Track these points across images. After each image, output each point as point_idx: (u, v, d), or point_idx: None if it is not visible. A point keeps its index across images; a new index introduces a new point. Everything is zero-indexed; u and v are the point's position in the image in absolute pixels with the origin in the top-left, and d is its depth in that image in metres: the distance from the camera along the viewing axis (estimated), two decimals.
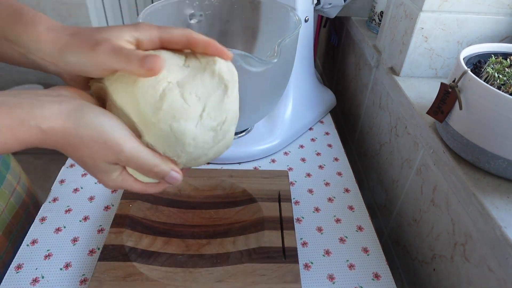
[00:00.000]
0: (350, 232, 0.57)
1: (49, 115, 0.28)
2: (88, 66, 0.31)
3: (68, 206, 0.59)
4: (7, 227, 0.58)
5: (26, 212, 0.63)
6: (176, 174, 0.33)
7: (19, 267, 0.50)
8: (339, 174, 0.68)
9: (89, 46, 0.30)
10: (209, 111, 0.32)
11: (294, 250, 0.49)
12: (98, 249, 0.53)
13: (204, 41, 0.34)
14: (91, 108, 0.30)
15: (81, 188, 0.62)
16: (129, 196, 0.55)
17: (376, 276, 0.51)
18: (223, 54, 0.35)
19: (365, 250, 0.54)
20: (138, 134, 0.32)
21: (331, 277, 0.50)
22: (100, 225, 0.56)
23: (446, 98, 0.46)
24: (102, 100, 0.34)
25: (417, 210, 0.59)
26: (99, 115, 0.30)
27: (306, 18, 0.69)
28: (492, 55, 0.47)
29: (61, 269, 0.50)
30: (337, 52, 1.06)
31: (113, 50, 0.30)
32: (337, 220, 0.59)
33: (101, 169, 0.31)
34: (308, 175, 0.67)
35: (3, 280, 0.49)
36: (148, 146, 0.32)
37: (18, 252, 0.52)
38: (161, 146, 0.32)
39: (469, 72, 0.43)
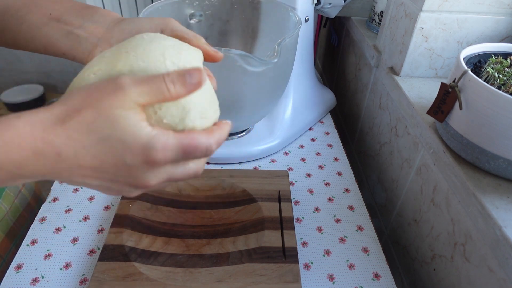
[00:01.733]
0: (350, 232, 0.57)
1: (40, 111, 0.26)
2: (146, 26, 0.33)
3: (68, 206, 0.59)
4: (10, 229, 0.58)
5: (31, 214, 0.63)
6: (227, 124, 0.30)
7: (19, 267, 0.50)
8: (339, 174, 0.68)
9: (161, 17, 0.34)
10: None
11: (294, 250, 0.49)
12: (98, 249, 0.53)
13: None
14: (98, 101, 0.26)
15: (81, 188, 0.62)
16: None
17: (376, 276, 0.51)
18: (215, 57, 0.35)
19: (365, 250, 0.54)
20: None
21: (331, 277, 0.50)
22: (100, 225, 0.56)
23: (446, 98, 0.46)
24: None
25: (417, 210, 0.59)
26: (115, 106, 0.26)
27: (306, 18, 0.69)
28: (492, 55, 0.46)
29: (61, 269, 0.50)
30: (337, 52, 1.06)
31: (180, 25, 0.34)
32: (337, 220, 0.59)
33: (131, 172, 0.26)
34: (308, 175, 0.67)
35: (3, 280, 0.49)
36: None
37: (18, 252, 0.52)
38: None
39: (469, 72, 0.43)
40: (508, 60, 0.45)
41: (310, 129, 0.80)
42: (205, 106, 0.30)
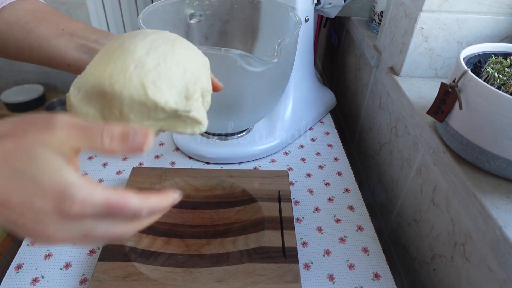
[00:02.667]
0: (350, 232, 0.57)
1: None
2: None
3: None
4: None
5: None
6: (174, 197, 0.27)
7: (19, 267, 0.50)
8: (339, 174, 0.68)
9: None
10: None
11: (294, 250, 0.49)
12: (98, 249, 0.53)
13: None
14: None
15: None
16: None
17: (376, 276, 0.51)
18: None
19: (365, 250, 0.54)
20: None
21: (331, 277, 0.50)
22: None
23: (446, 98, 0.46)
24: None
25: (417, 210, 0.59)
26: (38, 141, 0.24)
27: (306, 18, 0.69)
28: (492, 55, 0.46)
29: (61, 269, 0.50)
30: (337, 52, 1.06)
31: None
32: (337, 220, 0.59)
33: (34, 213, 0.23)
34: (308, 175, 0.67)
35: (3, 280, 0.49)
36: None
37: (18, 252, 0.52)
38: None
39: (469, 72, 0.43)
40: (508, 60, 0.45)
41: (310, 129, 0.80)
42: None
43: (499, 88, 0.41)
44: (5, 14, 0.39)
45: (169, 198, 0.27)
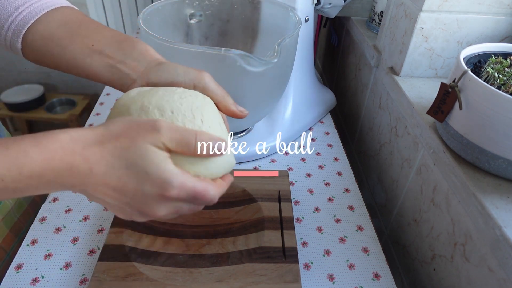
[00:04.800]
0: (350, 232, 0.57)
1: (80, 130, 0.29)
2: (181, 77, 0.35)
3: (68, 206, 0.59)
4: (15, 225, 0.58)
5: (36, 210, 0.63)
6: (212, 188, 0.33)
7: (19, 267, 0.50)
8: (339, 174, 0.68)
9: (195, 69, 0.36)
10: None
11: (294, 250, 0.49)
12: (98, 249, 0.53)
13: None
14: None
15: None
16: None
17: (376, 276, 0.51)
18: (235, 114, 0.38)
19: (365, 250, 0.54)
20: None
21: (331, 277, 0.50)
22: (100, 225, 0.56)
23: (446, 98, 0.46)
24: None
25: (417, 210, 0.59)
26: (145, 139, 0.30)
27: (306, 18, 0.69)
28: (492, 55, 0.46)
29: (61, 269, 0.50)
30: (337, 52, 1.06)
31: (215, 81, 0.36)
32: (337, 220, 0.59)
33: (146, 199, 0.29)
34: (308, 175, 0.67)
35: (3, 280, 0.49)
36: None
37: (18, 252, 0.52)
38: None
39: (469, 72, 0.43)
40: (508, 60, 0.45)
41: (310, 129, 0.80)
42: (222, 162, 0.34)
43: (499, 88, 0.41)
44: (40, 27, 0.40)
45: (230, 180, 0.35)
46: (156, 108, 0.32)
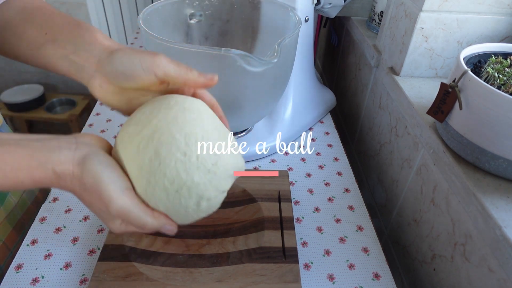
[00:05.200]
0: (350, 232, 0.57)
1: (64, 160, 0.30)
2: (138, 68, 0.33)
3: (68, 206, 0.59)
4: (18, 222, 0.58)
5: (38, 208, 0.63)
6: (170, 227, 0.36)
7: (19, 267, 0.50)
8: (339, 174, 0.68)
9: (149, 53, 0.33)
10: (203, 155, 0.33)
11: (294, 250, 0.49)
12: (98, 249, 0.53)
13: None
14: (98, 156, 0.31)
15: None
16: None
17: (376, 276, 0.51)
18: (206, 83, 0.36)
19: (365, 250, 0.54)
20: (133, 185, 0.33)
21: (331, 277, 0.50)
22: (100, 225, 0.56)
23: (446, 98, 0.46)
24: None
25: (417, 210, 0.59)
26: (101, 164, 0.31)
27: (306, 18, 0.69)
28: (492, 55, 0.46)
29: (61, 269, 0.50)
30: (337, 52, 1.06)
31: (172, 61, 0.34)
32: (337, 220, 0.59)
33: (103, 216, 0.33)
34: (308, 175, 0.67)
35: (3, 280, 0.49)
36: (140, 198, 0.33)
37: (18, 252, 0.52)
38: (153, 201, 0.33)
39: (469, 72, 0.43)
40: (508, 60, 0.45)
41: (310, 129, 0.80)
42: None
43: (499, 88, 0.41)
44: None
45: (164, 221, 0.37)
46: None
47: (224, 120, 0.39)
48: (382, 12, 0.78)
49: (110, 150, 0.35)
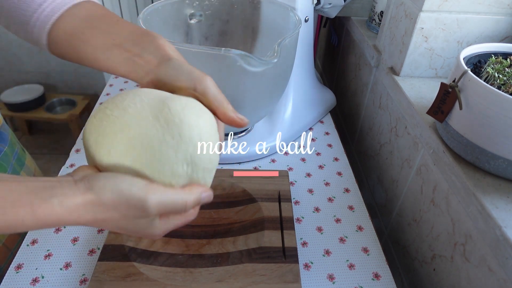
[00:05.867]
0: (350, 232, 0.57)
1: (69, 193, 0.28)
2: (185, 75, 0.35)
3: None
4: None
5: None
6: (207, 194, 0.34)
7: (19, 267, 0.50)
8: (339, 174, 0.68)
9: (200, 71, 0.36)
10: None
11: (294, 250, 0.49)
12: (98, 249, 0.53)
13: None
14: (101, 174, 0.30)
15: None
16: None
17: (376, 276, 0.51)
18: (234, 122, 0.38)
19: (365, 250, 0.54)
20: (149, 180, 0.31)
21: (331, 277, 0.50)
22: None
23: (446, 98, 0.46)
24: None
25: (417, 210, 0.59)
26: (108, 178, 0.30)
27: (306, 18, 0.69)
28: (492, 55, 0.46)
29: (61, 269, 0.50)
30: (337, 52, 1.06)
31: (216, 86, 0.36)
32: (337, 220, 0.59)
33: (140, 226, 0.31)
34: (308, 175, 0.67)
35: (3, 280, 0.49)
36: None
37: (18, 252, 0.52)
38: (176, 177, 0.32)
39: (469, 72, 0.43)
40: (508, 60, 0.45)
41: (310, 129, 0.80)
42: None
43: (499, 88, 0.41)
44: (63, 23, 0.41)
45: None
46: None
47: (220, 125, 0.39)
48: (382, 12, 0.78)
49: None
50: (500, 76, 0.42)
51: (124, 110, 0.32)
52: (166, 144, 0.31)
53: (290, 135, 0.73)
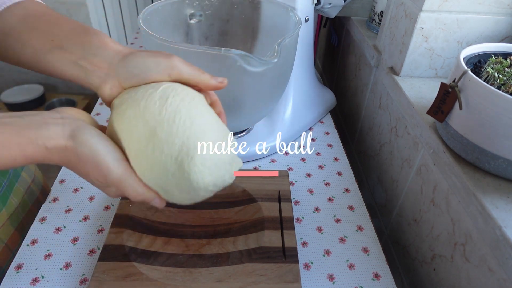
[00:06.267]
0: (350, 232, 0.57)
1: (54, 135, 0.30)
2: (153, 71, 0.35)
3: (68, 206, 0.59)
4: (20, 223, 0.59)
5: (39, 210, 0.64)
6: (158, 201, 0.36)
7: (19, 267, 0.50)
8: (339, 174, 0.68)
9: (163, 54, 0.35)
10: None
11: (294, 250, 0.49)
12: (98, 249, 0.53)
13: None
14: (90, 129, 0.32)
15: (81, 188, 0.62)
16: None
17: (376, 276, 0.51)
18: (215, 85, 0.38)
19: (365, 250, 0.54)
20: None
21: (331, 277, 0.50)
22: (100, 225, 0.56)
23: (446, 98, 0.46)
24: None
25: (417, 210, 0.59)
26: (95, 136, 0.32)
27: (306, 18, 0.69)
28: (492, 55, 0.46)
29: (61, 269, 0.50)
30: (337, 52, 1.06)
31: (186, 62, 0.36)
32: (337, 220, 0.59)
33: (99, 185, 0.34)
34: (308, 175, 0.67)
35: (3, 280, 0.49)
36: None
37: (18, 252, 0.52)
38: (149, 176, 0.33)
39: (469, 72, 0.43)
40: (508, 60, 0.45)
41: (310, 129, 0.80)
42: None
43: (499, 88, 0.41)
44: (0, 23, 0.39)
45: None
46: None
47: (223, 117, 0.40)
48: (382, 12, 0.78)
49: (95, 124, 0.35)
50: (500, 76, 0.42)
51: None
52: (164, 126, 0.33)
53: (290, 135, 0.73)
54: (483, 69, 0.44)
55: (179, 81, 0.36)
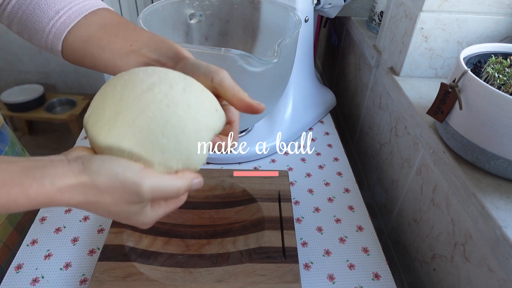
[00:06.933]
0: (350, 232, 0.57)
1: (62, 173, 0.28)
2: (202, 70, 0.36)
3: (68, 206, 0.59)
4: (19, 223, 0.59)
5: (38, 210, 0.64)
6: (198, 180, 0.34)
7: (19, 267, 0.50)
8: (339, 174, 0.68)
9: (215, 66, 0.37)
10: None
11: (294, 250, 0.49)
12: (98, 249, 0.53)
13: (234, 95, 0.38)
14: (95, 158, 0.30)
15: None
16: None
17: (376, 276, 0.51)
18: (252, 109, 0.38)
19: (365, 250, 0.54)
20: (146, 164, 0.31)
21: (331, 277, 0.50)
22: (100, 225, 0.56)
23: (446, 98, 0.46)
24: None
25: (417, 210, 0.59)
26: (104, 161, 0.29)
27: (306, 18, 0.69)
28: (492, 55, 0.46)
29: (61, 269, 0.50)
30: (337, 52, 1.06)
31: (231, 77, 0.37)
32: (337, 220, 0.59)
33: (131, 212, 0.31)
34: (308, 175, 0.67)
35: (3, 280, 0.49)
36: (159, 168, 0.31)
37: (18, 252, 0.52)
38: (173, 159, 0.31)
39: (469, 72, 0.43)
40: (508, 60, 0.45)
41: (310, 129, 0.80)
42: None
43: (499, 88, 0.41)
44: (80, 30, 0.42)
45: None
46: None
47: (235, 139, 0.39)
48: (382, 12, 0.78)
49: (93, 152, 0.34)
50: (500, 76, 0.42)
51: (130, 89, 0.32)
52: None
53: (290, 135, 0.73)
54: (483, 69, 0.44)
55: (219, 88, 0.36)
